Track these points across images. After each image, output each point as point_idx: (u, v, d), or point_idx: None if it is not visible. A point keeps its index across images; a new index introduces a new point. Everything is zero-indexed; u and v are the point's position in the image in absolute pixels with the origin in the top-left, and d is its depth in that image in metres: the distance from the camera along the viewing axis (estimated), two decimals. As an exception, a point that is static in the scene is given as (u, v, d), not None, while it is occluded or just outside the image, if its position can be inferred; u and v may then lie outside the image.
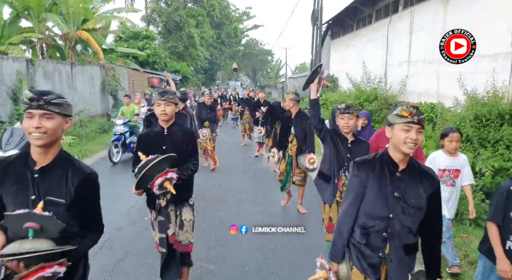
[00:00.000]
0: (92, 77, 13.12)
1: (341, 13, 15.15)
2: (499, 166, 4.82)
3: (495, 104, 5.65)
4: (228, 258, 3.59)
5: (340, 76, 16.60)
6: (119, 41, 21.18)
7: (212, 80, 35.39)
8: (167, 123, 2.62)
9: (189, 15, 27.12)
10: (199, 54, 27.46)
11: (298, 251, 3.70)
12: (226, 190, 5.95)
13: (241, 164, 7.96)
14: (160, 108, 2.55)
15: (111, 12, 15.35)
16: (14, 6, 12.05)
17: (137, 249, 3.74)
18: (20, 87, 8.95)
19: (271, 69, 51.18)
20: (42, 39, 12.66)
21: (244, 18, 38.80)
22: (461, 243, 3.73)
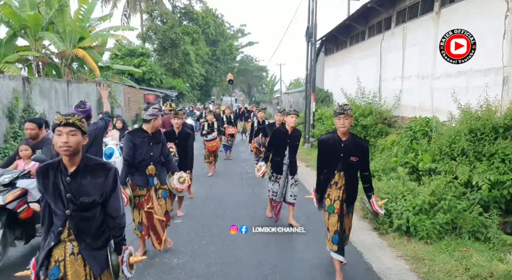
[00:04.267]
0: (88, 94, 13.16)
1: (334, 30, 15.47)
2: (495, 179, 4.86)
3: (489, 118, 5.73)
4: (228, 275, 3.54)
5: (334, 91, 16.80)
6: (115, 58, 21.36)
7: (208, 96, 35.61)
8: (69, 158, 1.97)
9: (185, 32, 27.50)
10: (194, 70, 27.73)
11: (301, 267, 3.66)
12: (225, 205, 5.91)
13: (238, 180, 7.94)
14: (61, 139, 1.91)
15: (108, 30, 15.54)
16: (11, 25, 12.16)
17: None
18: (16, 105, 8.94)
19: (266, 84, 51.69)
20: (39, 57, 12.73)
21: (239, 35, 39.43)
22: (460, 257, 3.71)
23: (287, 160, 4.72)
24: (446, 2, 8.45)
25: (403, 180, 5.42)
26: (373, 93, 11.24)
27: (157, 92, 21.10)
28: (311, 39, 12.44)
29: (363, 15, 12.77)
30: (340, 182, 3.28)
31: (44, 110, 10.20)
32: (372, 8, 11.60)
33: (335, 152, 3.26)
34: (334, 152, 3.26)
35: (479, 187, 4.88)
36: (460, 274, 3.33)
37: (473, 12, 7.32)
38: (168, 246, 4.03)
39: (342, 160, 3.25)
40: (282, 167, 4.73)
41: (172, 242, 4.12)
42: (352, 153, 3.22)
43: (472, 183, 5.02)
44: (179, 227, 4.90)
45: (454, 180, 5.12)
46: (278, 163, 4.75)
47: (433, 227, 4.22)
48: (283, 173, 4.74)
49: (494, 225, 4.27)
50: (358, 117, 9.93)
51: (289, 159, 4.72)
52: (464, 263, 3.54)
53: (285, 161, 4.72)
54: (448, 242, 4.09)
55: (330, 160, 3.34)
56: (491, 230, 4.18)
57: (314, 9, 12.67)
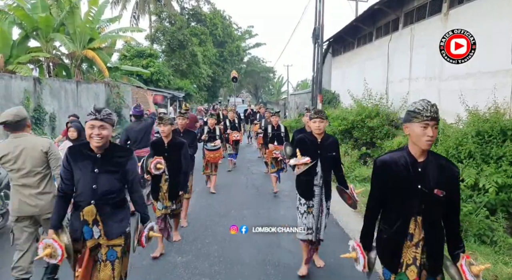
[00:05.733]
0: (97, 94, 13.34)
1: (342, 31, 15.44)
2: (502, 182, 4.80)
3: (497, 120, 5.67)
4: (231, 274, 3.57)
5: (341, 93, 16.75)
6: (123, 59, 21.60)
7: (215, 97, 35.76)
8: None
9: (193, 34, 27.68)
10: (202, 71, 27.88)
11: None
12: (229, 205, 5.95)
13: (243, 180, 7.97)
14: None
15: (117, 31, 15.75)
16: (23, 27, 12.41)
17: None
18: (27, 105, 9.12)
19: (273, 86, 51.71)
20: (49, 58, 12.96)
21: (247, 36, 39.54)
22: (466, 260, 3.68)
23: (320, 179, 3.39)
24: (454, 3, 8.39)
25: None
26: (380, 95, 11.19)
27: (164, 93, 21.27)
28: (318, 40, 12.44)
29: (371, 16, 12.74)
30: (418, 235, 1.95)
31: (54, 110, 10.38)
32: (379, 9, 11.57)
33: (408, 182, 1.94)
34: (406, 181, 1.94)
35: (486, 190, 4.83)
36: (464, 277, 3.30)
37: (482, 13, 7.26)
38: None
39: (420, 195, 1.92)
40: (312, 189, 3.40)
41: None
42: (434, 183, 1.91)
43: (479, 186, 4.97)
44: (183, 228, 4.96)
45: (461, 183, 5.07)
46: (306, 184, 3.42)
47: (438, 229, 4.19)
48: (316, 198, 3.40)
49: (500, 228, 4.23)
50: (365, 118, 9.89)
51: (322, 178, 3.40)
52: (469, 266, 3.50)
53: (316, 181, 3.39)
54: (453, 244, 4.05)
55: (398, 196, 1.98)
56: (497, 233, 4.14)
57: (321, 10, 12.68)
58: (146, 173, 3.89)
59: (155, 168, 3.76)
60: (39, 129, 9.48)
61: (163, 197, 3.90)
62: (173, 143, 3.91)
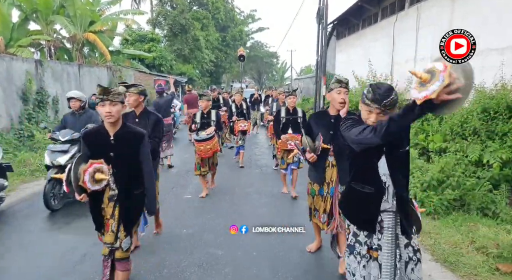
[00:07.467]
0: (99, 78, 13.28)
1: (346, 13, 15.17)
2: (507, 158, 4.78)
3: (504, 96, 5.61)
4: (235, 244, 3.61)
5: (346, 76, 16.55)
6: (125, 44, 21.44)
7: (218, 83, 35.56)
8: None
9: (195, 18, 27.33)
10: (204, 56, 27.64)
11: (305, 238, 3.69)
12: (233, 184, 5.99)
13: (247, 160, 7.98)
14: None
15: (117, 14, 15.57)
16: (23, 9, 12.28)
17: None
18: (29, 87, 9.08)
19: (276, 71, 51.27)
20: (50, 41, 12.86)
21: (249, 21, 38.98)
22: (467, 231, 3.69)
23: (390, 195, 1.94)
24: (462, -20, 8.18)
25: (412, 158, 5.37)
26: (385, 76, 11.07)
27: (167, 78, 21.17)
28: (322, 21, 12.22)
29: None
30: None
31: (56, 92, 10.36)
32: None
33: None
34: None
35: (490, 165, 4.81)
36: (465, 246, 3.32)
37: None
38: None
39: None
40: (378, 213, 1.96)
41: None
42: None
43: (483, 162, 4.95)
44: (188, 202, 5.00)
45: (465, 158, 5.05)
46: (367, 202, 1.98)
47: (440, 203, 4.20)
48: (385, 233, 1.94)
49: (503, 201, 4.22)
50: (369, 99, 9.81)
51: (394, 192, 1.94)
52: (471, 236, 3.52)
53: (386, 197, 1.94)
54: (455, 217, 4.07)
55: None
56: (499, 206, 4.14)
57: (325, -10, 12.39)
58: (77, 189, 2.25)
59: (93, 180, 2.25)
60: (42, 112, 9.48)
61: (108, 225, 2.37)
62: (122, 136, 2.38)
